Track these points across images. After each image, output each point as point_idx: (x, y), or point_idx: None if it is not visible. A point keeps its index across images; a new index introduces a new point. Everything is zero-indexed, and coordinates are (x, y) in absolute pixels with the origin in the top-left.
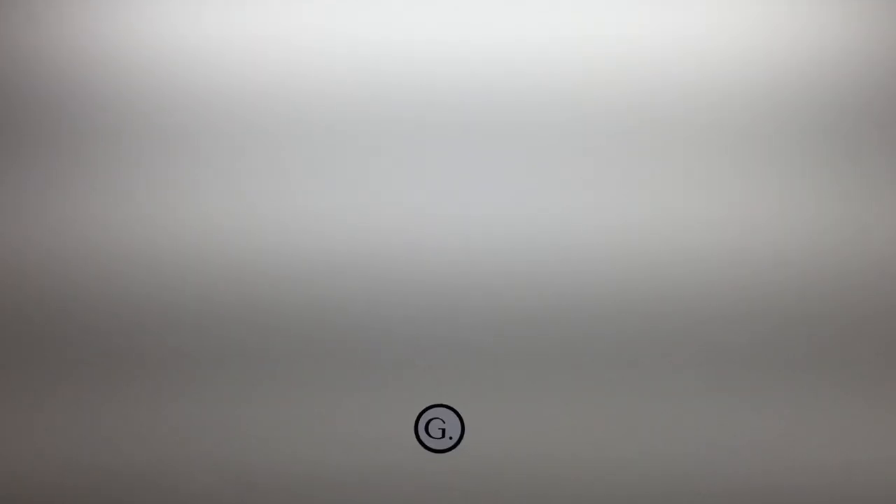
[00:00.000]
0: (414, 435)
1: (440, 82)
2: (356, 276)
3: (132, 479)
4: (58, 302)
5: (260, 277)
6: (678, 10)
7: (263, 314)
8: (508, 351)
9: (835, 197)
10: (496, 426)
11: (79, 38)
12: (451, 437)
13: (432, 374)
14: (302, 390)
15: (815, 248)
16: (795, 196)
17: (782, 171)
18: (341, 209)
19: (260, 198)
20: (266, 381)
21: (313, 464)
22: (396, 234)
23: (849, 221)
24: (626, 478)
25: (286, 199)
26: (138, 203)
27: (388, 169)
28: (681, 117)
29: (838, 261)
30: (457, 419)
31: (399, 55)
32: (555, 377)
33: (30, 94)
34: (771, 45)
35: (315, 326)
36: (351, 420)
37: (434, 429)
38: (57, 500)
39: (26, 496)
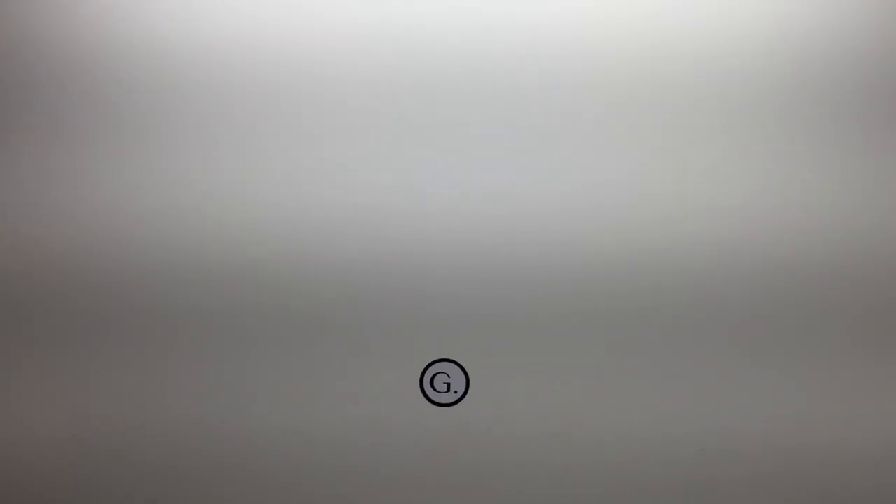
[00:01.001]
0: (419, 389)
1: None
2: (362, 232)
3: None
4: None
5: (263, 235)
6: None
7: (268, 272)
8: (513, 306)
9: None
10: (500, 381)
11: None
12: (455, 392)
13: (437, 329)
14: (308, 346)
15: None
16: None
17: (786, 157)
18: (345, 168)
19: (260, 156)
20: (273, 339)
21: (320, 419)
22: (400, 190)
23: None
24: (627, 431)
25: (289, 160)
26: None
27: (389, 127)
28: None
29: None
30: (461, 374)
31: (403, 22)
32: (559, 334)
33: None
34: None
35: (321, 283)
36: (357, 375)
37: (439, 383)
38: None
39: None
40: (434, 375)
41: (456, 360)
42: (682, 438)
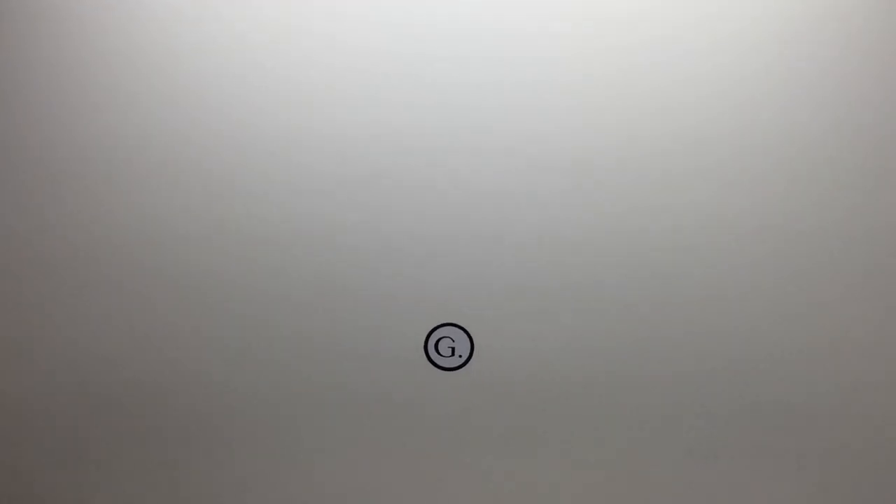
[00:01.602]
0: (424, 353)
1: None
2: (368, 196)
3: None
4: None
5: (266, 196)
6: None
7: (277, 235)
8: (518, 271)
9: None
10: (505, 345)
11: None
12: (460, 356)
13: (442, 293)
14: (311, 311)
15: None
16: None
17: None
18: (352, 131)
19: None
20: (276, 301)
21: (323, 383)
22: (410, 150)
23: None
24: (631, 393)
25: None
26: None
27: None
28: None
29: None
30: (466, 338)
31: None
32: (563, 297)
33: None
34: None
35: (326, 247)
36: (362, 339)
37: (444, 347)
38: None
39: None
40: (439, 340)
41: (460, 324)
42: (683, 374)
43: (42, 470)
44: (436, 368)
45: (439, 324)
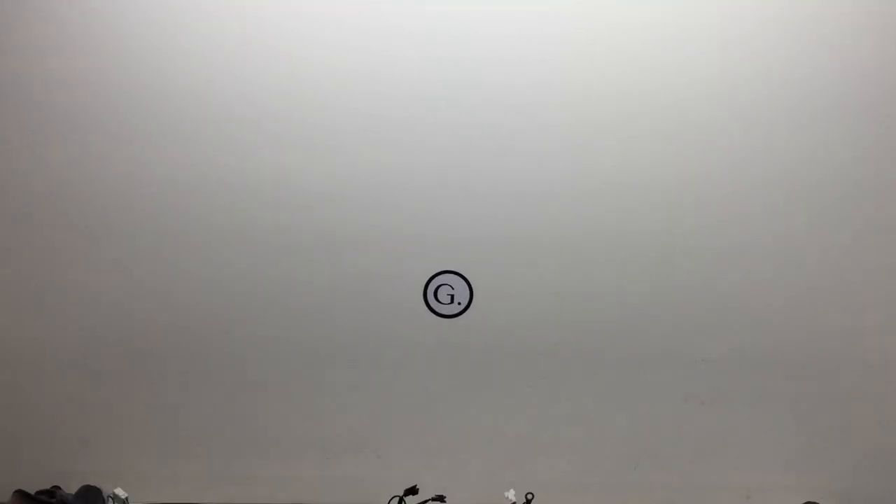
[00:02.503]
0: (423, 300)
1: None
2: (369, 145)
3: None
4: None
5: (269, 146)
6: None
7: (280, 184)
8: (517, 220)
9: None
10: (503, 292)
11: None
12: (459, 303)
13: (442, 241)
14: (313, 258)
15: None
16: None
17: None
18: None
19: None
20: (280, 248)
21: (324, 330)
22: (411, 98)
23: None
24: (628, 339)
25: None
26: None
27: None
28: None
29: None
30: (465, 285)
31: None
32: (562, 246)
33: None
34: None
35: (327, 196)
36: (362, 286)
37: (443, 294)
38: None
39: None
40: (438, 287)
41: (460, 271)
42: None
43: (55, 407)
44: (435, 315)
45: (439, 271)
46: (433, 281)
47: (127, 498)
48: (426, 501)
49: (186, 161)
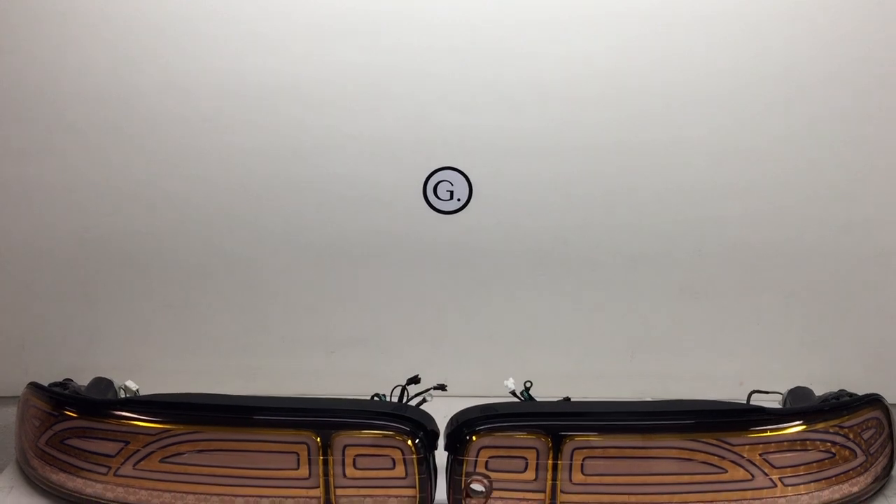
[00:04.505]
0: (423, 197)
1: None
2: (366, 39)
3: None
4: None
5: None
6: None
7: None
8: (517, 116)
9: None
10: (503, 188)
11: None
12: (458, 199)
13: (441, 137)
14: (311, 156)
15: None
16: None
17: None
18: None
19: None
20: (278, 146)
21: (323, 228)
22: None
23: None
24: (625, 235)
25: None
26: None
27: None
28: None
29: None
30: (464, 181)
31: None
32: (561, 142)
33: None
34: None
35: (325, 94)
36: (361, 183)
37: (442, 191)
38: None
39: None
40: (438, 183)
41: (459, 167)
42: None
43: (50, 311)
44: (434, 212)
45: (438, 167)
46: (432, 177)
47: (137, 389)
48: (428, 390)
49: (183, 63)
